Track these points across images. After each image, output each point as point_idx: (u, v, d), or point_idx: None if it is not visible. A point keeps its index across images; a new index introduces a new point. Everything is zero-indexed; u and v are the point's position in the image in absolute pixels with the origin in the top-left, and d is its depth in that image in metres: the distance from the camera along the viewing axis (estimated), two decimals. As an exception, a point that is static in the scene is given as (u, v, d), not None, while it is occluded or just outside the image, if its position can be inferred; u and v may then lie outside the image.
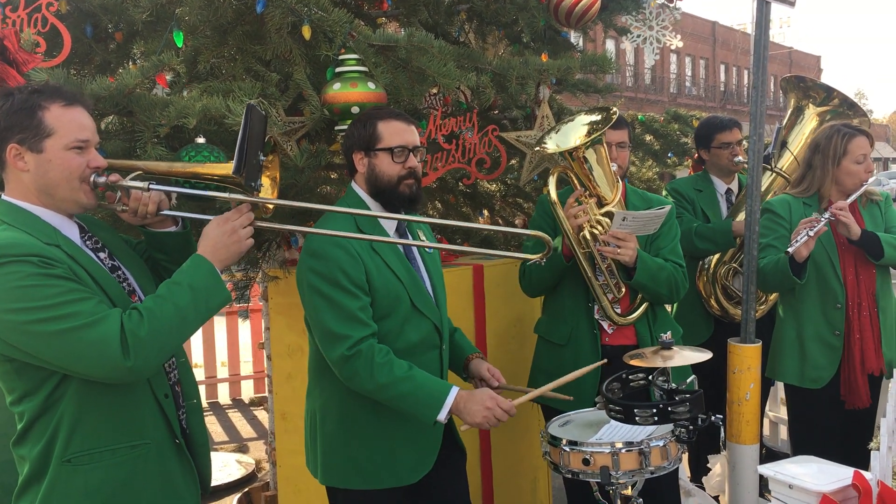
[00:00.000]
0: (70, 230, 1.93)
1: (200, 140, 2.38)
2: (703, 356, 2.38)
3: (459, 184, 4.10)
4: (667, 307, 3.14)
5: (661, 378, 2.39)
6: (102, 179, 1.92)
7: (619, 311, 2.95)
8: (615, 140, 3.01)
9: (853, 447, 3.25)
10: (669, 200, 3.44)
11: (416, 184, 2.43)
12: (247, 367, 7.24)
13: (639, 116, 5.52)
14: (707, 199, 3.90)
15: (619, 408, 2.27)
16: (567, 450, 2.34)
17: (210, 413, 6.45)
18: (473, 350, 2.65)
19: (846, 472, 2.22)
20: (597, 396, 2.44)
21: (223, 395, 7.00)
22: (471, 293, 3.41)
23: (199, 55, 2.91)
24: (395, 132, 2.39)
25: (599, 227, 2.84)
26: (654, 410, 2.22)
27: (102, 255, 1.98)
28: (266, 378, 4.08)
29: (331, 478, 2.44)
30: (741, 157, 3.81)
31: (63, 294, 1.74)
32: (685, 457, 3.16)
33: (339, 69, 2.81)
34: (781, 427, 4.90)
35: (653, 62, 4.42)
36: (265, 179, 2.41)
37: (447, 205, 4.34)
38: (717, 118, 4.04)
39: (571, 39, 4.29)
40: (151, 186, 2.00)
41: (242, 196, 2.03)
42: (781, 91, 4.00)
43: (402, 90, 2.94)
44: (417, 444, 2.43)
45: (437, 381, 2.32)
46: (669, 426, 2.33)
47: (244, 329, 7.29)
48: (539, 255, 2.13)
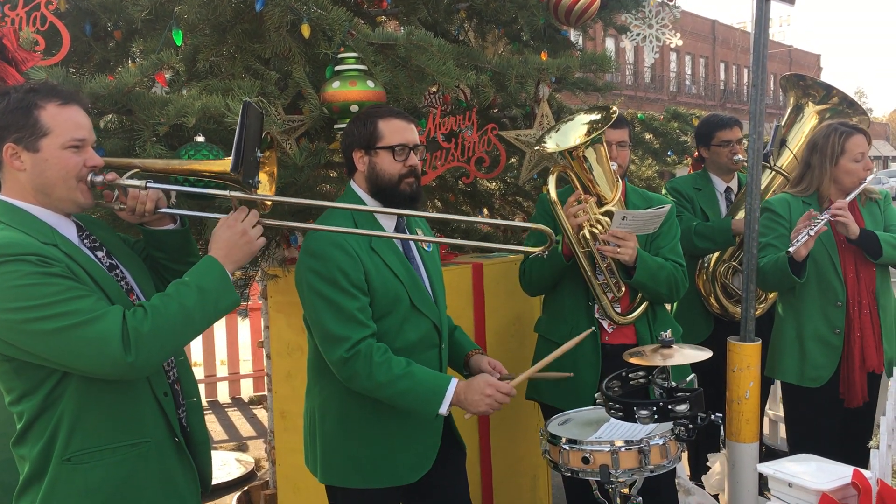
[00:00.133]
0: (67, 229, 1.93)
1: (200, 138, 2.37)
2: (703, 355, 2.37)
3: (459, 182, 4.09)
4: (666, 306, 3.14)
5: (661, 376, 2.39)
6: (99, 178, 1.92)
7: (619, 311, 2.95)
8: (615, 139, 3.00)
9: (852, 446, 3.25)
10: (669, 199, 3.44)
11: (417, 182, 2.43)
12: (246, 366, 7.24)
13: (638, 115, 5.51)
14: (706, 198, 3.90)
15: (619, 406, 2.27)
16: (566, 448, 2.34)
17: (209, 412, 6.45)
18: (473, 346, 2.65)
19: (846, 471, 2.22)
20: (596, 394, 2.44)
21: (222, 394, 7.00)
22: (470, 292, 3.41)
23: (199, 53, 2.90)
24: (396, 130, 2.38)
25: (599, 227, 2.84)
26: (654, 409, 2.22)
27: (100, 254, 1.98)
28: (265, 377, 4.08)
29: (330, 477, 2.43)
30: (741, 156, 3.81)
31: (62, 292, 1.73)
32: (685, 455, 3.16)
33: (339, 68, 2.81)
34: (781, 426, 4.90)
35: (652, 60, 4.43)
36: (263, 176, 2.41)
37: (447, 203, 4.34)
38: (718, 116, 4.04)
39: (571, 38, 4.29)
40: (149, 185, 2.00)
41: (241, 193, 2.02)
42: (781, 89, 4.00)
43: (402, 89, 2.93)
44: (417, 443, 2.43)
45: (436, 375, 2.33)
46: (669, 425, 2.33)
47: (243, 327, 7.29)
48: (541, 248, 2.13)
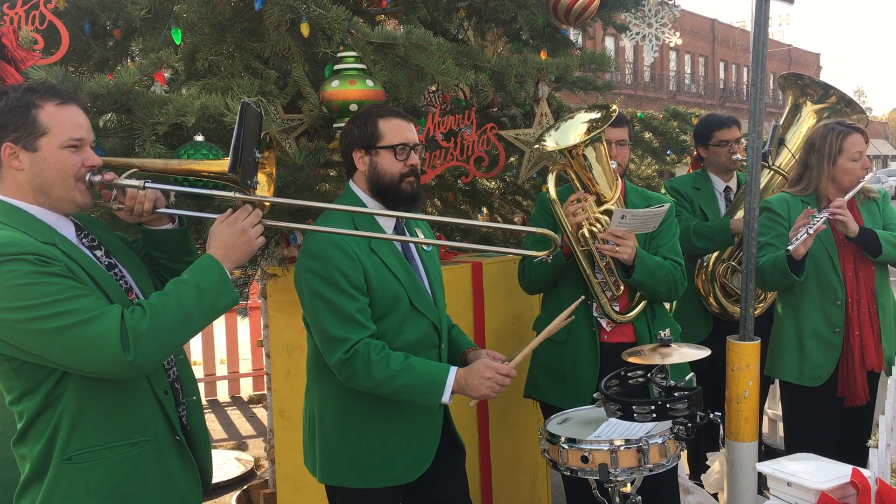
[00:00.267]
0: (66, 228, 1.93)
1: (199, 138, 2.37)
2: (702, 353, 2.37)
3: (458, 181, 4.10)
4: (666, 305, 3.14)
5: (660, 375, 2.39)
6: (98, 178, 1.91)
7: (618, 309, 2.95)
8: (615, 138, 3.00)
9: (851, 445, 3.25)
10: (669, 199, 3.44)
11: (417, 181, 2.43)
12: (246, 365, 7.24)
13: (638, 114, 5.50)
14: (706, 198, 3.90)
15: (618, 405, 2.27)
16: (566, 447, 2.34)
17: (209, 410, 6.45)
18: (469, 344, 2.64)
19: (845, 470, 2.23)
20: (595, 393, 2.44)
21: (222, 393, 7.00)
22: (470, 291, 3.41)
23: (198, 52, 2.90)
24: (397, 129, 2.38)
25: (598, 225, 2.84)
26: (653, 407, 2.22)
27: (99, 253, 1.98)
28: (265, 375, 4.08)
29: (329, 477, 2.43)
30: (739, 155, 3.81)
31: (61, 291, 1.73)
32: (684, 454, 3.17)
33: (338, 67, 2.81)
34: (780, 425, 4.89)
35: (652, 59, 4.42)
36: (261, 176, 2.41)
37: (446, 202, 4.34)
38: (716, 116, 4.04)
39: (570, 37, 4.29)
40: (147, 185, 1.99)
41: (239, 194, 2.02)
42: (779, 88, 4.00)
43: (401, 88, 2.93)
44: (416, 443, 2.43)
45: (435, 365, 2.32)
46: (668, 424, 2.33)
47: (243, 326, 7.29)
48: (546, 253, 2.11)
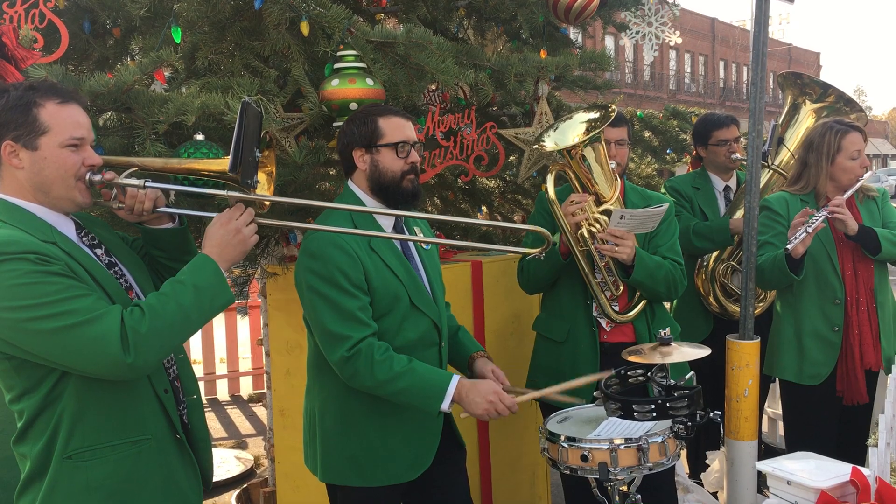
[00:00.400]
0: (66, 227, 1.92)
1: (199, 137, 2.37)
2: (702, 352, 2.37)
3: (458, 180, 4.10)
4: (665, 305, 3.14)
5: (660, 374, 2.39)
6: (98, 177, 1.91)
7: (618, 309, 2.95)
8: (614, 137, 3.00)
9: (850, 444, 3.25)
10: (668, 198, 3.44)
11: (417, 179, 2.44)
12: (245, 364, 7.24)
13: (638, 113, 5.50)
14: (705, 197, 3.90)
15: (618, 404, 2.27)
16: (565, 446, 2.34)
17: (209, 409, 6.46)
18: (478, 348, 2.64)
19: (844, 469, 2.23)
20: (595, 392, 2.44)
21: (222, 392, 7.00)
22: (469, 290, 3.41)
23: (198, 51, 2.90)
24: (397, 127, 2.39)
25: (597, 225, 2.84)
26: (653, 406, 2.22)
27: (99, 252, 1.98)
28: (265, 374, 4.08)
29: (330, 475, 2.44)
30: (738, 155, 3.81)
31: (61, 291, 1.73)
32: (684, 453, 3.17)
33: (338, 65, 2.80)
34: (780, 423, 4.90)
35: (652, 58, 4.43)
36: (261, 175, 2.41)
37: (446, 201, 4.34)
38: (715, 115, 4.04)
39: (570, 36, 4.29)
40: (147, 184, 1.99)
41: (239, 193, 2.02)
42: (779, 87, 4.00)
43: (401, 86, 2.93)
44: (416, 442, 2.43)
45: (438, 372, 2.33)
46: (668, 422, 2.33)
47: (243, 325, 7.29)
48: (538, 250, 2.13)
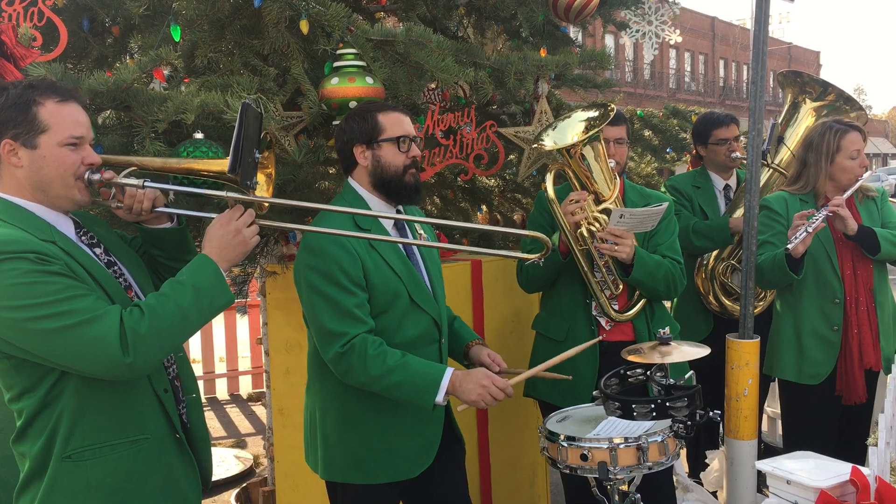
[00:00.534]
0: (65, 226, 1.92)
1: (199, 135, 2.37)
2: (702, 352, 2.37)
3: (458, 179, 4.09)
4: (665, 304, 3.14)
5: (660, 373, 2.39)
6: (97, 177, 1.91)
7: (617, 308, 2.95)
8: (613, 136, 2.99)
9: (849, 443, 3.25)
10: (668, 197, 3.43)
11: (418, 173, 2.46)
12: (245, 363, 7.24)
13: (638, 112, 5.50)
14: (705, 196, 3.90)
15: (617, 403, 2.27)
16: (565, 445, 2.34)
17: (208, 408, 6.45)
18: (473, 336, 2.65)
19: (844, 468, 2.23)
20: (595, 392, 2.44)
21: (221, 391, 7.00)
22: (469, 289, 3.41)
23: (197, 49, 2.90)
24: (396, 122, 2.41)
25: (597, 224, 2.84)
26: (652, 406, 2.22)
27: (98, 251, 1.97)
28: (264, 373, 4.08)
29: (332, 473, 2.44)
30: (738, 153, 3.81)
31: (61, 291, 1.73)
32: (683, 452, 3.17)
33: (337, 64, 2.80)
34: (780, 423, 4.88)
35: (652, 57, 4.42)
36: (261, 176, 2.41)
37: (445, 200, 4.33)
38: (714, 114, 4.04)
39: (570, 34, 4.28)
40: (146, 184, 1.99)
41: (238, 194, 2.02)
42: (779, 86, 4.00)
43: (401, 85, 2.93)
44: (418, 439, 2.43)
45: (432, 365, 2.31)
46: (667, 422, 2.33)
47: (242, 324, 7.29)
48: (537, 256, 2.13)
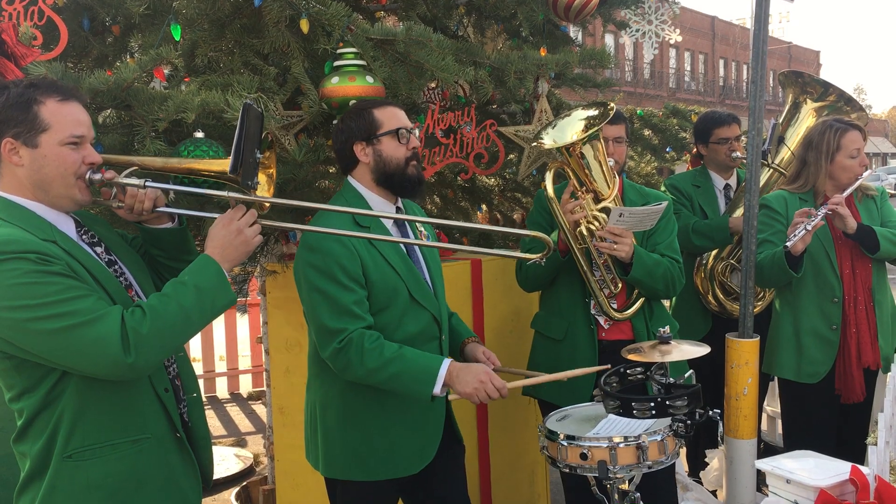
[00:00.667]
0: (66, 225, 1.92)
1: (199, 134, 2.37)
2: (702, 350, 2.37)
3: (458, 178, 4.09)
4: (664, 303, 3.14)
5: (659, 372, 2.39)
6: (98, 176, 1.91)
7: (616, 307, 2.95)
8: (612, 135, 3.00)
9: (848, 442, 3.25)
10: (667, 196, 3.44)
11: (419, 165, 2.46)
12: (245, 362, 7.24)
13: (637, 111, 5.50)
14: (705, 195, 3.90)
15: (617, 402, 2.27)
16: (565, 444, 2.34)
17: (208, 407, 6.44)
18: (469, 334, 2.65)
19: (844, 467, 2.23)
20: (594, 390, 2.44)
21: (221, 390, 7.00)
22: (469, 287, 3.41)
23: (197, 49, 2.90)
24: (393, 116, 2.42)
25: (596, 223, 2.84)
26: (652, 404, 2.22)
27: (99, 250, 1.97)
28: (264, 372, 4.08)
29: (333, 470, 2.44)
30: (739, 153, 3.81)
31: (62, 291, 1.73)
32: (683, 451, 3.17)
33: (338, 63, 2.80)
34: (779, 422, 4.88)
35: (652, 57, 4.41)
36: (262, 176, 2.41)
37: (445, 199, 4.34)
38: (716, 113, 4.04)
39: (570, 34, 4.28)
40: (147, 184, 1.99)
41: (239, 195, 2.02)
42: (780, 86, 4.00)
43: (401, 84, 2.93)
44: (418, 436, 2.44)
45: (429, 356, 2.31)
46: (667, 421, 2.34)
47: (242, 323, 7.29)
48: (538, 256, 2.14)
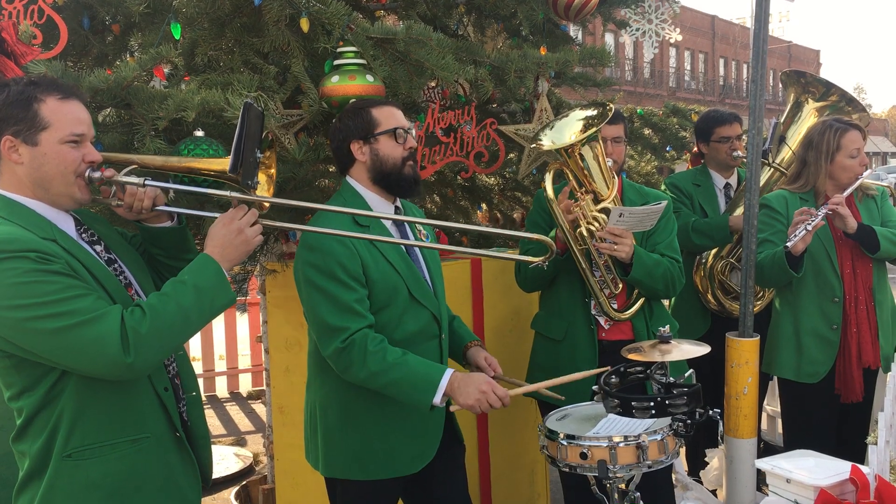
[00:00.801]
0: (65, 224, 1.92)
1: (199, 133, 2.37)
2: (702, 350, 2.37)
3: (458, 177, 4.09)
4: (664, 302, 3.14)
5: (659, 372, 2.39)
6: (98, 175, 1.91)
7: (616, 307, 2.95)
8: (610, 135, 2.99)
9: (848, 442, 3.25)
10: (667, 195, 3.43)
11: (416, 165, 2.46)
12: (245, 361, 7.24)
13: (637, 110, 5.49)
14: (705, 194, 3.90)
15: (617, 401, 2.27)
16: (564, 444, 2.34)
17: (208, 406, 6.45)
18: (472, 337, 2.65)
19: (844, 467, 2.23)
20: (594, 388, 2.44)
21: (221, 389, 7.00)
22: (469, 287, 3.41)
23: (197, 48, 2.89)
24: (390, 115, 2.42)
25: (596, 224, 2.84)
26: (652, 404, 2.22)
27: (98, 248, 1.97)
28: (264, 371, 4.08)
29: (333, 470, 2.44)
30: (740, 152, 3.81)
31: (62, 291, 1.73)
32: (683, 451, 3.17)
33: (338, 62, 2.80)
34: (779, 421, 4.88)
35: (652, 56, 4.41)
36: (262, 176, 2.41)
37: (445, 198, 4.33)
38: (718, 112, 4.03)
39: (570, 33, 4.28)
40: (147, 183, 1.99)
41: (239, 194, 2.02)
42: (782, 85, 4.00)
43: (401, 83, 2.93)
44: (418, 436, 2.44)
45: (431, 365, 2.30)
46: (667, 420, 2.33)
47: (242, 322, 7.29)
48: (540, 259, 2.13)
